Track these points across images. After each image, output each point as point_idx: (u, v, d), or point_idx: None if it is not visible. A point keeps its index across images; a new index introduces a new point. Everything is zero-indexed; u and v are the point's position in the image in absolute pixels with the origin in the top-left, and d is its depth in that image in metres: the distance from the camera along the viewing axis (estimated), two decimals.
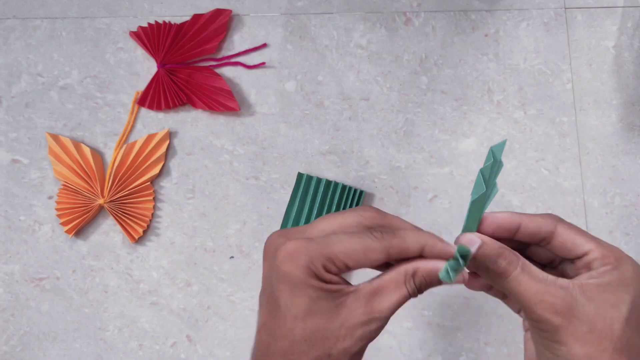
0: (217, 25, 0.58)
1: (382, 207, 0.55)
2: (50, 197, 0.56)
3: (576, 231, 0.31)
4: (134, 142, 0.56)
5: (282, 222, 0.54)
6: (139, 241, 0.55)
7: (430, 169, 0.56)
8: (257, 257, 0.55)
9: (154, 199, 0.56)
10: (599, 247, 0.30)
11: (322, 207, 0.54)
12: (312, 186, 0.54)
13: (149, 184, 0.56)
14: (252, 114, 0.57)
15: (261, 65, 0.58)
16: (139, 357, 0.54)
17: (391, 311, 0.30)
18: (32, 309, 0.55)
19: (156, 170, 0.56)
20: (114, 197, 0.55)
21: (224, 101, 0.56)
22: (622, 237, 0.54)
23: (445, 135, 0.56)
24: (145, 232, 0.55)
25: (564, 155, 0.55)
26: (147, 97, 0.57)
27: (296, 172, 0.55)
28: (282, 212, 0.55)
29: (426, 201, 0.55)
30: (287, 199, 0.55)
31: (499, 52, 0.57)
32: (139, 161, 0.56)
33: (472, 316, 0.53)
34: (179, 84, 0.57)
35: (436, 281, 0.31)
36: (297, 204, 0.54)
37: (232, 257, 0.55)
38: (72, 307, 0.54)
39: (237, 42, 0.59)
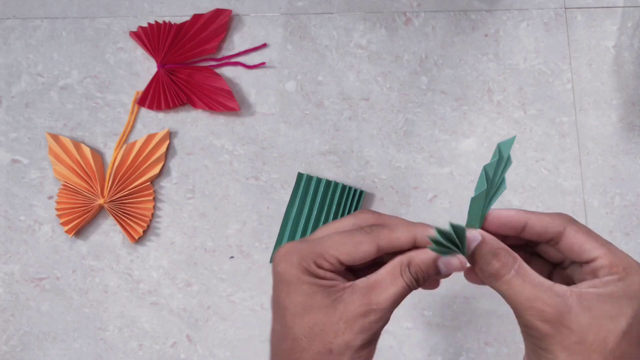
0: (217, 25, 0.58)
1: (382, 207, 0.55)
2: (50, 197, 0.56)
3: (586, 235, 0.30)
4: (134, 142, 0.56)
5: (282, 222, 0.54)
6: (139, 241, 0.55)
7: (430, 169, 0.56)
8: (257, 257, 0.55)
9: (154, 199, 0.56)
10: (609, 254, 0.29)
11: (322, 207, 0.54)
12: (312, 186, 0.54)
13: (149, 184, 0.56)
14: (252, 114, 0.57)
15: (261, 65, 0.58)
16: (139, 357, 0.54)
17: (389, 302, 0.30)
18: (32, 309, 0.55)
19: (156, 170, 0.56)
20: (114, 197, 0.55)
21: (224, 101, 0.56)
22: (622, 237, 0.54)
23: (445, 135, 0.56)
24: (145, 232, 0.55)
25: (564, 155, 0.55)
26: (147, 97, 0.57)
27: (296, 172, 0.55)
28: (282, 212, 0.55)
29: (426, 201, 0.55)
30: (287, 199, 0.55)
31: (499, 52, 0.57)
32: (139, 161, 0.56)
33: (472, 316, 0.53)
34: (179, 84, 0.57)
35: (433, 270, 0.30)
36: (297, 204, 0.54)
37: (232, 257, 0.55)
38: (72, 307, 0.54)
39: (237, 42, 0.59)
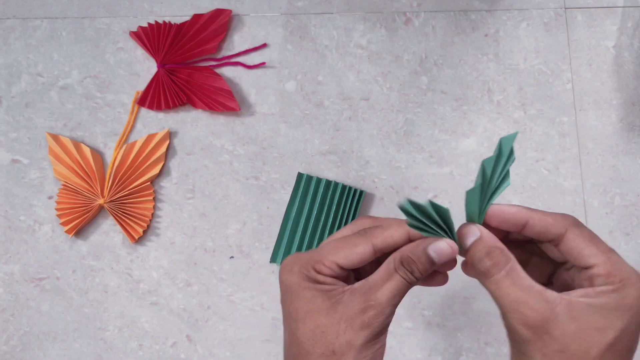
0: (217, 25, 0.58)
1: (382, 207, 0.55)
2: (50, 197, 0.56)
3: (587, 240, 0.29)
4: (134, 142, 0.56)
5: (282, 222, 0.54)
6: (139, 241, 0.55)
7: (430, 169, 0.56)
8: (257, 257, 0.55)
9: (154, 199, 0.56)
10: (607, 263, 0.29)
11: (322, 207, 0.54)
12: (312, 186, 0.54)
13: (149, 184, 0.56)
14: (252, 114, 0.57)
15: (261, 65, 0.58)
16: (139, 357, 0.54)
17: (385, 297, 0.30)
18: (32, 309, 0.55)
19: (156, 170, 0.56)
20: (114, 197, 0.55)
21: (224, 101, 0.56)
22: (622, 237, 0.54)
23: (445, 135, 0.56)
24: (145, 232, 0.55)
25: (564, 155, 0.55)
26: (147, 97, 0.57)
27: (296, 172, 0.55)
28: (282, 212, 0.55)
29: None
30: (287, 199, 0.55)
31: (499, 52, 0.57)
32: (139, 161, 0.56)
33: (472, 316, 0.53)
34: (179, 84, 0.57)
35: (426, 260, 0.31)
36: (297, 204, 0.54)
37: (232, 257, 0.55)
38: (72, 307, 0.54)
39: (237, 42, 0.59)
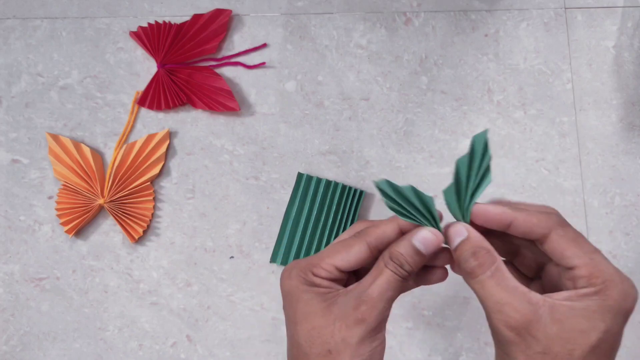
0: (217, 25, 0.58)
1: (382, 207, 0.55)
2: (50, 197, 0.56)
3: (570, 241, 0.29)
4: (134, 142, 0.56)
5: (282, 222, 0.54)
6: (139, 241, 0.55)
7: (430, 169, 0.56)
8: (257, 257, 0.55)
9: (154, 199, 0.56)
10: (589, 264, 0.29)
11: (322, 207, 0.54)
12: (312, 186, 0.54)
13: (149, 184, 0.56)
14: (252, 114, 0.57)
15: (261, 65, 0.58)
16: (139, 357, 0.54)
17: (378, 293, 0.31)
18: (32, 309, 0.55)
19: (156, 170, 0.56)
20: (114, 197, 0.55)
21: (224, 101, 0.56)
22: (622, 237, 0.54)
23: (445, 135, 0.56)
24: (145, 232, 0.55)
25: (564, 155, 0.55)
26: (147, 97, 0.57)
27: (296, 172, 0.55)
28: (282, 212, 0.55)
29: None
30: (287, 199, 0.55)
31: (499, 52, 0.57)
32: (139, 161, 0.56)
33: (472, 316, 0.53)
34: (179, 84, 0.57)
35: (412, 252, 0.31)
36: (297, 204, 0.54)
37: (232, 257, 0.55)
38: (72, 307, 0.54)
39: (237, 42, 0.59)
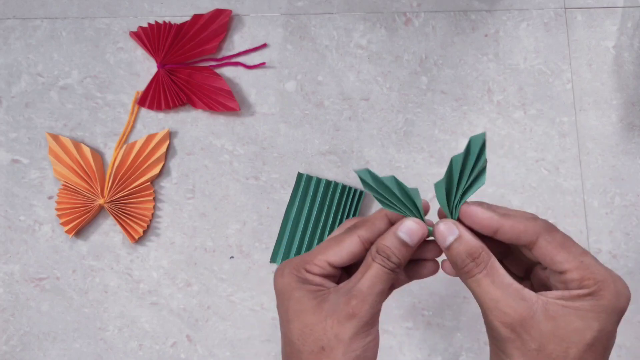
0: (217, 25, 0.58)
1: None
2: (50, 197, 0.56)
3: (559, 246, 0.29)
4: (134, 142, 0.56)
5: (282, 222, 0.54)
6: (139, 241, 0.55)
7: (430, 169, 0.56)
8: (257, 257, 0.55)
9: (154, 199, 0.56)
10: (580, 268, 0.29)
11: (322, 207, 0.54)
12: (312, 186, 0.54)
13: (149, 184, 0.56)
14: (252, 114, 0.57)
15: (261, 65, 0.58)
16: (139, 357, 0.54)
17: (367, 286, 0.31)
18: (32, 309, 0.55)
19: (156, 170, 0.56)
20: (114, 197, 0.55)
21: (224, 101, 0.56)
22: (622, 237, 0.54)
23: (445, 135, 0.56)
24: (145, 232, 0.55)
25: (564, 155, 0.55)
26: (147, 97, 0.57)
27: (296, 172, 0.55)
28: (282, 212, 0.55)
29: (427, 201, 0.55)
30: (287, 199, 0.55)
31: (499, 52, 0.57)
32: (139, 161, 0.56)
33: (472, 316, 0.53)
34: (179, 84, 0.57)
35: (398, 243, 0.31)
36: (297, 204, 0.54)
37: (232, 257, 0.55)
38: (72, 307, 0.54)
39: (237, 42, 0.59)
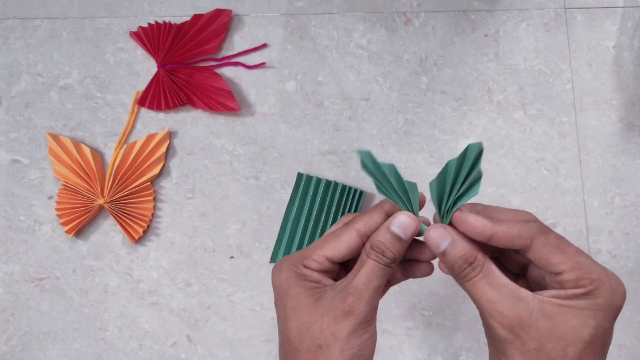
0: (217, 25, 0.58)
1: None
2: (50, 197, 0.56)
3: (554, 248, 0.29)
4: (134, 142, 0.56)
5: (282, 222, 0.54)
6: (139, 241, 0.55)
7: (430, 169, 0.56)
8: (257, 257, 0.55)
9: (154, 199, 0.56)
10: (575, 268, 0.29)
11: (322, 207, 0.54)
12: (312, 186, 0.54)
13: (149, 184, 0.56)
14: (252, 114, 0.57)
15: (261, 65, 0.58)
16: (139, 357, 0.54)
17: (362, 282, 0.31)
18: (32, 309, 0.55)
19: (156, 170, 0.56)
20: (114, 197, 0.55)
21: (224, 101, 0.56)
22: (622, 237, 0.54)
23: (445, 135, 0.56)
24: (145, 232, 0.55)
25: (564, 155, 0.55)
26: (147, 97, 0.57)
27: (296, 172, 0.55)
28: (282, 212, 0.55)
29: (427, 201, 0.55)
30: (287, 199, 0.55)
31: (499, 52, 0.57)
32: (139, 161, 0.56)
33: (472, 316, 0.53)
34: (179, 84, 0.57)
35: (393, 239, 0.31)
36: (297, 203, 0.54)
37: (232, 257, 0.55)
38: (72, 307, 0.54)
39: (237, 42, 0.59)
